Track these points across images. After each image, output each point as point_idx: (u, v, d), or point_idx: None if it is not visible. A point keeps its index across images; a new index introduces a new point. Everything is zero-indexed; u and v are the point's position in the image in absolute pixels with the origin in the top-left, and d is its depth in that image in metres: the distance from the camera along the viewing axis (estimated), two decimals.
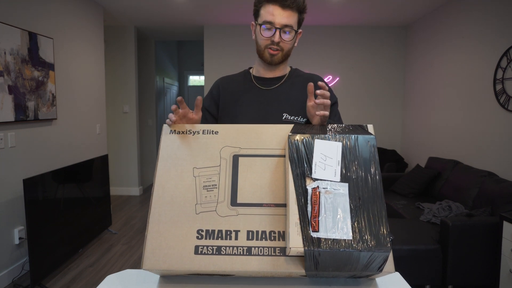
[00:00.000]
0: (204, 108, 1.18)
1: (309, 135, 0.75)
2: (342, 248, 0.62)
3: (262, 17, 1.06)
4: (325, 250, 0.62)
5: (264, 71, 1.17)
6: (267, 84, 1.16)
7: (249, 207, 0.74)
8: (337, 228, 0.64)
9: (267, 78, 1.17)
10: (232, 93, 1.18)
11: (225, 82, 1.21)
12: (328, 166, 0.71)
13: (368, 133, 0.76)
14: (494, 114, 3.02)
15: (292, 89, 1.15)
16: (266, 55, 1.10)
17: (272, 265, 0.68)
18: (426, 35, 4.23)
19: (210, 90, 1.23)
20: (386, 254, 0.63)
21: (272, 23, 1.04)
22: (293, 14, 1.05)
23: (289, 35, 1.06)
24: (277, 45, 1.07)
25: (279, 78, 1.17)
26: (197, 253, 0.70)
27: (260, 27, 1.07)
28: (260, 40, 1.09)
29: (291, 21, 1.04)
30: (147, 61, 5.40)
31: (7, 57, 2.48)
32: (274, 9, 1.03)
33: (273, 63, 1.11)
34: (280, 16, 1.03)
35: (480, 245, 2.31)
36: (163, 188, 0.77)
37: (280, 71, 1.17)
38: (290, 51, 1.12)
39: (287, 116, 1.11)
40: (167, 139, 0.83)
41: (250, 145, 0.80)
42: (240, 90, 1.17)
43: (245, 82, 1.18)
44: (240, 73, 1.24)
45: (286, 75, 1.18)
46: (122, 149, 4.96)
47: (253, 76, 1.19)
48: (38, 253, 2.39)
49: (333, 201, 0.67)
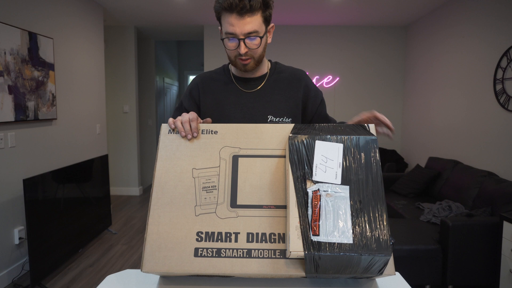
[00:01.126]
0: (184, 108, 1.14)
1: (309, 136, 0.74)
2: (342, 252, 0.62)
3: (224, 27, 0.99)
4: (326, 254, 0.62)
5: (242, 72, 1.11)
6: (249, 86, 1.12)
7: (249, 208, 0.74)
8: (338, 231, 0.64)
9: (247, 79, 1.12)
10: (213, 94, 1.13)
11: (204, 82, 1.15)
12: (329, 168, 0.70)
13: (370, 133, 0.75)
14: (494, 114, 3.02)
15: (274, 88, 1.12)
16: (239, 65, 1.05)
17: (272, 268, 0.68)
18: (426, 35, 4.23)
19: (189, 90, 1.16)
20: (387, 258, 0.63)
21: (234, 34, 0.97)
22: (255, 17, 0.96)
23: (255, 41, 1.00)
24: (245, 54, 1.01)
25: (260, 78, 1.13)
26: (197, 255, 0.70)
27: (223, 40, 1.01)
28: (228, 52, 1.04)
29: (254, 27, 0.97)
30: (147, 61, 5.40)
31: (7, 57, 2.48)
32: (232, 19, 0.95)
33: (247, 71, 1.07)
34: (241, 25, 0.96)
35: (480, 245, 2.31)
36: (162, 189, 0.76)
37: (259, 71, 1.13)
38: (263, 54, 1.06)
39: (272, 118, 1.08)
40: (166, 139, 0.82)
41: (250, 145, 0.80)
42: (221, 91, 1.12)
43: (226, 83, 1.13)
44: (219, 70, 1.18)
45: (267, 74, 1.14)
46: (122, 149, 4.96)
47: (232, 75, 1.14)
48: (38, 253, 2.39)
49: (333, 204, 0.66)
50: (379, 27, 4.76)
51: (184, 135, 0.81)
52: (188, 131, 0.81)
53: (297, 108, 1.12)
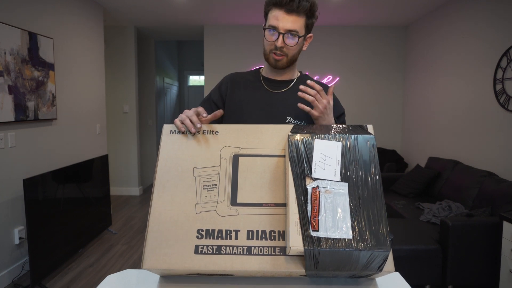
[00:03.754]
0: (212, 101, 1.20)
1: (309, 135, 0.75)
2: (342, 247, 0.63)
3: (268, 21, 1.06)
4: (325, 249, 0.63)
5: (272, 73, 1.18)
6: (275, 87, 1.17)
7: (249, 206, 0.74)
8: (337, 227, 0.64)
9: (275, 81, 1.18)
10: (240, 90, 1.19)
11: (234, 79, 1.22)
12: (328, 166, 0.71)
13: (368, 133, 0.76)
14: (494, 114, 3.02)
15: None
16: (271, 59, 1.10)
17: (272, 265, 0.68)
18: (426, 35, 4.23)
19: (219, 85, 1.23)
20: (386, 253, 0.63)
21: (276, 27, 1.04)
22: (299, 18, 1.04)
23: (293, 40, 1.05)
24: (281, 50, 1.07)
25: (287, 82, 1.18)
26: (197, 252, 0.70)
27: (265, 31, 1.08)
28: (266, 44, 1.10)
29: (296, 26, 1.04)
30: (147, 61, 5.40)
31: (7, 57, 2.48)
32: (279, 13, 1.03)
33: (277, 68, 1.12)
34: (285, 21, 1.03)
35: (480, 245, 2.31)
36: (164, 187, 0.77)
37: (288, 75, 1.18)
38: (296, 56, 1.11)
39: (291, 119, 1.12)
40: (168, 140, 0.83)
41: (250, 145, 0.81)
42: (248, 89, 1.19)
43: (255, 82, 1.19)
44: (251, 72, 1.25)
45: (295, 80, 1.18)
46: (122, 149, 4.96)
47: (262, 76, 1.20)
48: (38, 253, 2.39)
49: (333, 201, 0.67)
50: (379, 27, 4.76)
51: (194, 131, 0.82)
52: (196, 121, 0.83)
53: None
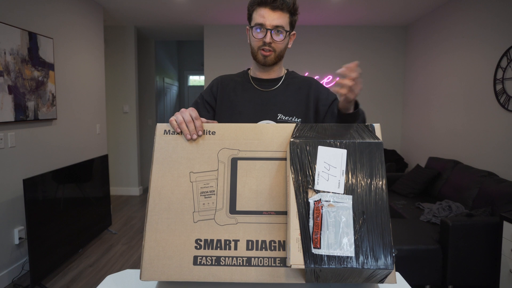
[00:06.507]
0: (206, 101, 1.23)
1: (312, 141, 0.70)
2: (343, 265, 0.61)
3: (254, 20, 1.10)
4: (327, 267, 0.61)
5: (260, 72, 1.20)
6: (264, 86, 1.20)
7: (249, 215, 0.72)
8: (339, 244, 0.62)
9: (264, 79, 1.20)
10: (230, 91, 1.21)
11: (224, 81, 1.25)
12: (331, 177, 0.67)
13: (374, 136, 0.72)
14: (494, 114, 3.02)
15: (287, 90, 1.20)
16: (260, 56, 1.13)
17: (272, 276, 0.67)
18: (426, 35, 4.23)
19: (210, 86, 1.26)
20: (389, 271, 0.62)
21: (263, 24, 1.08)
22: (284, 15, 1.08)
23: (281, 36, 1.10)
24: (269, 46, 1.10)
25: (275, 80, 1.21)
26: (196, 263, 0.68)
27: (252, 29, 1.11)
28: (253, 42, 1.13)
29: (281, 22, 1.08)
30: (147, 61, 5.40)
31: (7, 57, 2.48)
32: (264, 11, 1.08)
33: (266, 64, 1.14)
34: (271, 18, 1.07)
35: (480, 245, 2.31)
36: (159, 194, 0.74)
37: (275, 72, 1.21)
38: (283, 52, 1.15)
39: (281, 116, 1.15)
40: (162, 141, 0.78)
41: (249, 147, 0.76)
42: (237, 89, 1.21)
43: (243, 83, 1.22)
44: (239, 73, 1.28)
45: (283, 78, 1.22)
46: (122, 149, 4.96)
47: (250, 76, 1.23)
48: (38, 253, 2.39)
49: (336, 215, 0.64)
50: (379, 27, 4.76)
51: (189, 138, 0.77)
52: (193, 131, 0.78)
53: (308, 110, 1.18)
